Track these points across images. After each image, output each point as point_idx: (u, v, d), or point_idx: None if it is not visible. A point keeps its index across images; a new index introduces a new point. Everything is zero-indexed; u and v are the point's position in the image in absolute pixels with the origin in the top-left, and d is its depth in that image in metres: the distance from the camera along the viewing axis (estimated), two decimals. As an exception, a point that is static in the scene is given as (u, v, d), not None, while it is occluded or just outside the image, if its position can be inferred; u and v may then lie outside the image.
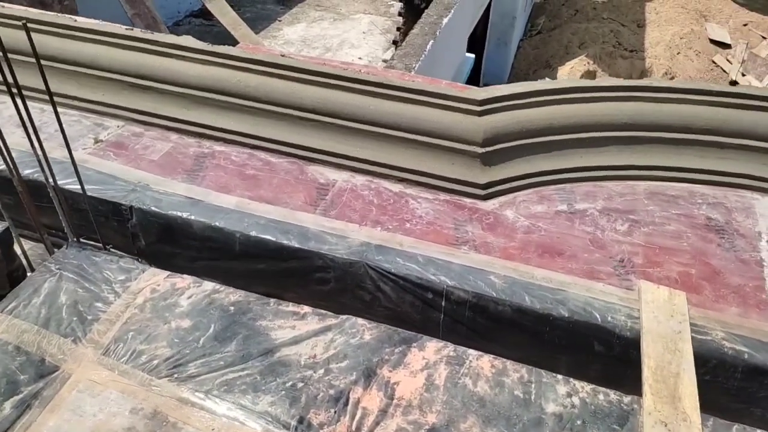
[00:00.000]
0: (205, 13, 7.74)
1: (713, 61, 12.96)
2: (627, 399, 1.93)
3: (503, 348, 2.35)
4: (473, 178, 2.68)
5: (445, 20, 6.06)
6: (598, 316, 2.20)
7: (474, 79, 10.15)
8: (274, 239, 2.43)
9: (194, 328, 2.03)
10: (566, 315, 2.21)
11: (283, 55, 2.91)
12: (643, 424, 1.83)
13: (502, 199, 2.70)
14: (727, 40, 13.10)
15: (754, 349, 2.09)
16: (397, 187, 2.73)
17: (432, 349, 2.05)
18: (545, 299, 2.24)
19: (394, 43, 7.87)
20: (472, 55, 7.84)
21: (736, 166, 2.79)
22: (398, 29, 7.71)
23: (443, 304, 2.33)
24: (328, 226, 2.50)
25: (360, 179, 2.76)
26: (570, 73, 11.98)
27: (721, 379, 2.13)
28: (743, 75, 12.52)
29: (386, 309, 2.43)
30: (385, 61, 7.47)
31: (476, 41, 9.97)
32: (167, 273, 2.27)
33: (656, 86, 2.84)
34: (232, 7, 7.16)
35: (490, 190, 2.69)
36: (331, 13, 9.00)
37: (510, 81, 12.19)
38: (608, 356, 2.23)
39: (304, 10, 9.07)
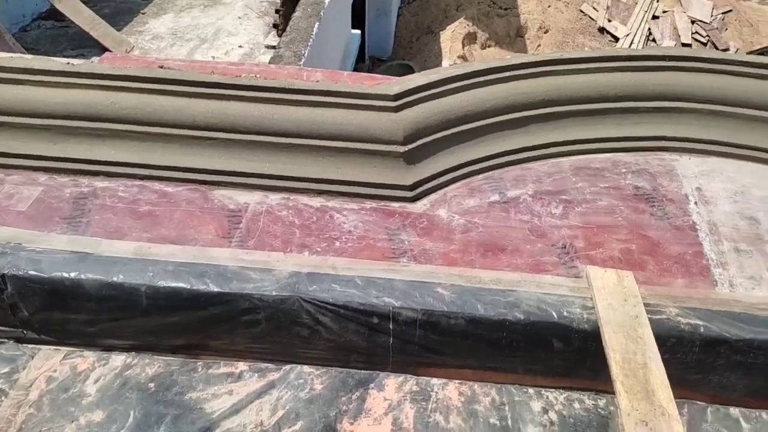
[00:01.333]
0: (55, 14, 6.86)
1: (581, 11, 13.53)
2: (602, 402, 1.85)
3: (458, 360, 2.19)
4: (399, 180, 2.47)
5: (327, -1, 5.74)
6: (553, 312, 2.08)
7: (359, 53, 9.90)
8: (187, 287, 2.09)
9: (110, 421, 1.69)
10: (522, 318, 2.07)
11: (161, 67, 2.51)
12: (623, 427, 1.75)
13: (432, 197, 2.52)
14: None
15: (707, 320, 2.07)
16: (317, 202, 2.46)
17: (392, 387, 1.84)
18: (498, 304, 2.09)
19: (275, 26, 7.42)
20: (358, 32, 7.57)
21: (653, 129, 2.78)
22: (277, 11, 7.26)
23: (391, 326, 2.12)
24: (248, 260, 2.19)
25: (275, 198, 2.46)
26: (452, 36, 12.05)
27: (680, 355, 2.10)
28: (609, 21, 13.20)
29: (328, 341, 2.18)
30: (269, 47, 7.02)
31: (356, 14, 9.69)
32: (63, 352, 1.89)
33: (566, 58, 2.75)
34: (86, 3, 6.38)
35: (418, 190, 2.49)
36: (201, 0, 8.33)
37: (394, 51, 12.07)
38: (568, 351, 2.14)
39: (170, -1, 8.32)
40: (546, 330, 2.09)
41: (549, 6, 13.51)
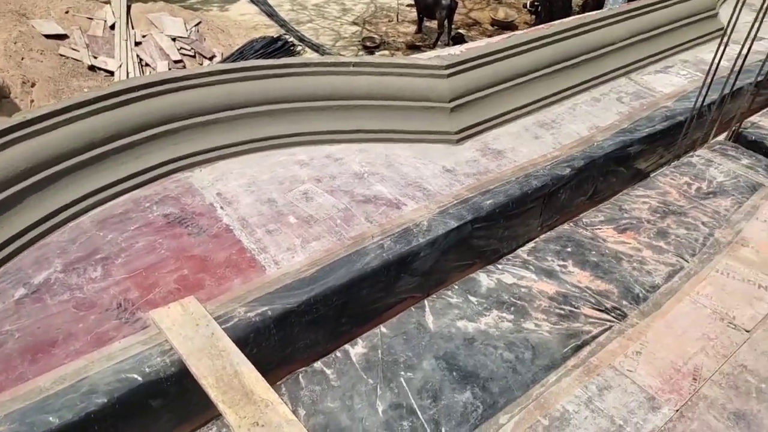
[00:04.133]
0: None
1: (61, 54, 12.79)
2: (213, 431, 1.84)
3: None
4: None
5: None
6: (136, 376, 1.96)
7: None
8: None
9: None
10: (106, 400, 1.88)
11: None
12: (242, 439, 1.79)
13: (-66, 331, 2.00)
14: (61, 31, 13.05)
15: (270, 303, 2.27)
16: None
17: None
18: (73, 403, 1.84)
19: None
20: None
21: (158, 156, 2.84)
22: None
23: None
24: None
25: None
26: None
27: (264, 343, 2.26)
28: (96, 58, 12.89)
29: None
30: None
31: None
32: None
33: (30, 119, 2.51)
34: None
35: None
36: None
37: None
38: (171, 402, 2.06)
39: None
40: (137, 397, 1.96)
41: (23, 58, 12.31)
